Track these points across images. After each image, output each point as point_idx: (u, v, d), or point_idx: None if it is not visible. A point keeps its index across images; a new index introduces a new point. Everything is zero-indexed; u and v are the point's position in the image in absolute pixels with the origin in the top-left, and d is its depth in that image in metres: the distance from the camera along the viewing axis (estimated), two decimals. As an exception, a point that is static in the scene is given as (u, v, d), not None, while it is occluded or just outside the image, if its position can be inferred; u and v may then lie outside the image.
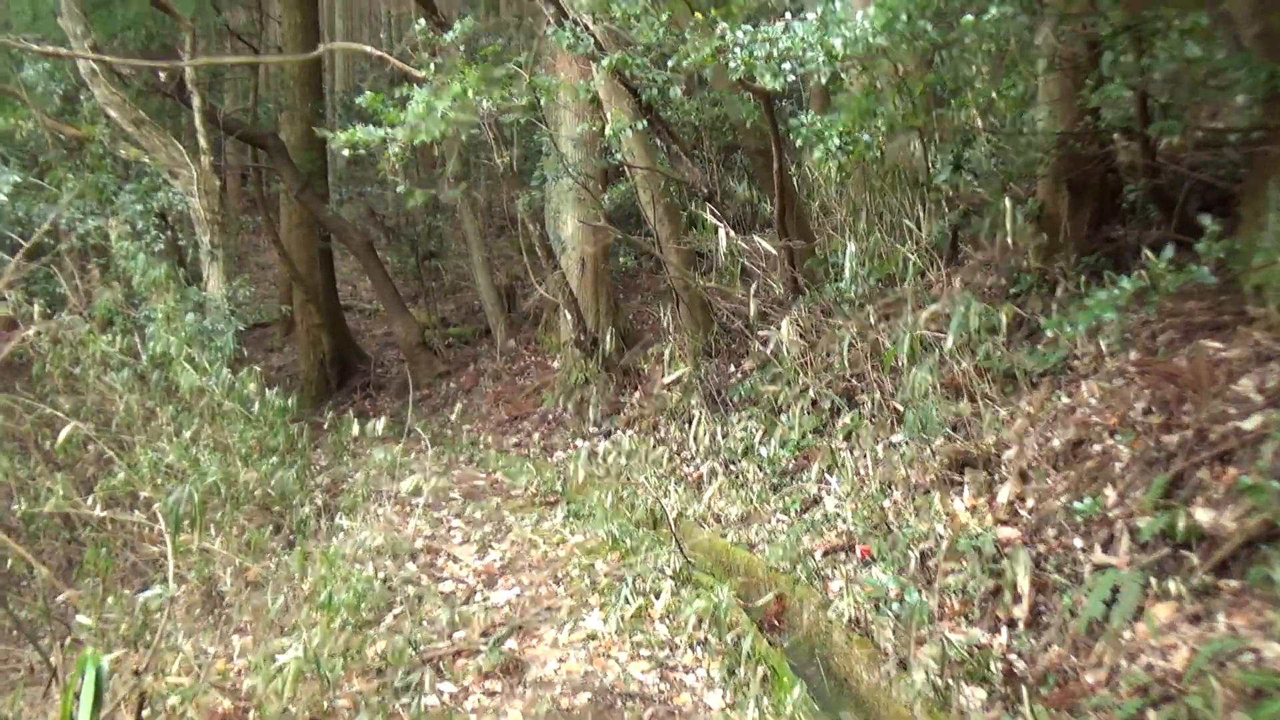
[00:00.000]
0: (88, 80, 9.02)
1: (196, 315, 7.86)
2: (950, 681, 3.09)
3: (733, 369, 7.69)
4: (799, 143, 5.71)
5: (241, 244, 16.06)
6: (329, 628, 4.02)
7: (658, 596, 4.55)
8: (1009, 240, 5.42)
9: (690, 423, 7.21)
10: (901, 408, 5.37)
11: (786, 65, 5.04)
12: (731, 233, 6.41)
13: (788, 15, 5.41)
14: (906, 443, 5.08)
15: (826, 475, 5.43)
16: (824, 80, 5.29)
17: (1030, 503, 4.08)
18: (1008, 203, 5.37)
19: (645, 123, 7.13)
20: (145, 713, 3.81)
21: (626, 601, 4.55)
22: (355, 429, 7.47)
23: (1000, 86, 5.89)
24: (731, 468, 6.25)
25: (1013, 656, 3.31)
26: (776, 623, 4.38)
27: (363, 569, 5.10)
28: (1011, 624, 3.48)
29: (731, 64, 5.23)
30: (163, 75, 10.57)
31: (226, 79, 14.18)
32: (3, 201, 8.82)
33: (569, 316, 8.88)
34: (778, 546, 4.75)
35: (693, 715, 3.55)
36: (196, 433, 7.01)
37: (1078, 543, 3.61)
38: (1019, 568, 3.46)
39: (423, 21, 7.41)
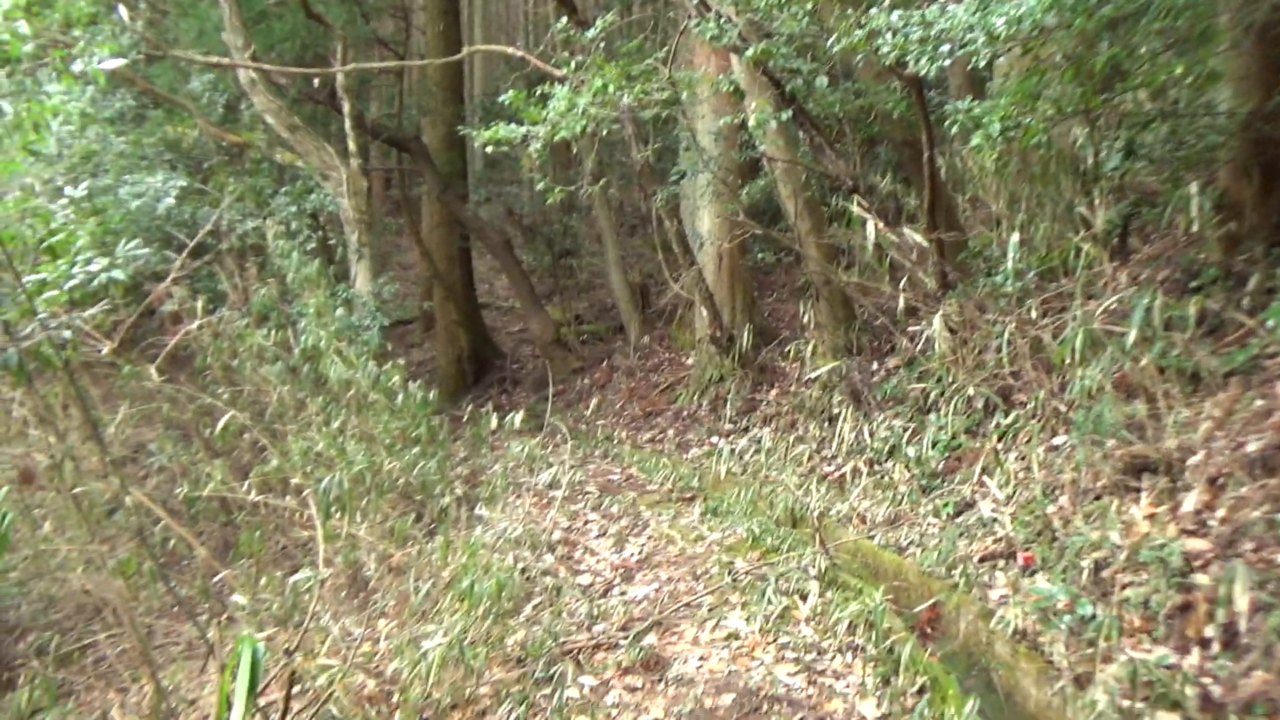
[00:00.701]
0: (247, 90, 9.49)
1: (344, 311, 8.12)
2: (1137, 704, 2.81)
3: (875, 366, 7.41)
4: (953, 130, 5.42)
5: (385, 244, 16.65)
6: (471, 616, 4.02)
7: (803, 597, 4.37)
8: (1192, 229, 4.99)
9: (831, 421, 6.99)
10: (1064, 408, 5.02)
11: (945, 48, 4.77)
12: (880, 225, 6.15)
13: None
14: (1072, 446, 4.74)
15: (982, 478, 5.12)
16: (984, 63, 4.99)
17: (1221, 513, 3.70)
18: (1193, 188, 4.94)
19: (789, 114, 6.94)
20: (294, 690, 3.90)
21: (769, 601, 4.39)
22: (493, 422, 7.58)
23: (1178, 64, 5.44)
24: (876, 468, 5.99)
25: (1207, 680, 2.99)
26: (930, 630, 4.13)
27: (503, 559, 5.12)
28: (1204, 644, 3.15)
29: (883, 49, 5.00)
30: (315, 83, 11.05)
31: (374, 86, 14.72)
32: (171, 204, 9.35)
33: (704, 312, 8.77)
34: (931, 551, 4.49)
35: (845, 723, 3.37)
36: (344, 423, 7.24)
37: (1280, 558, 3.25)
38: (1236, 584, 3.10)
39: (564, 20, 7.45)
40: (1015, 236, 5.23)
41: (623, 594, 4.99)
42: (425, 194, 12.85)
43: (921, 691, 3.39)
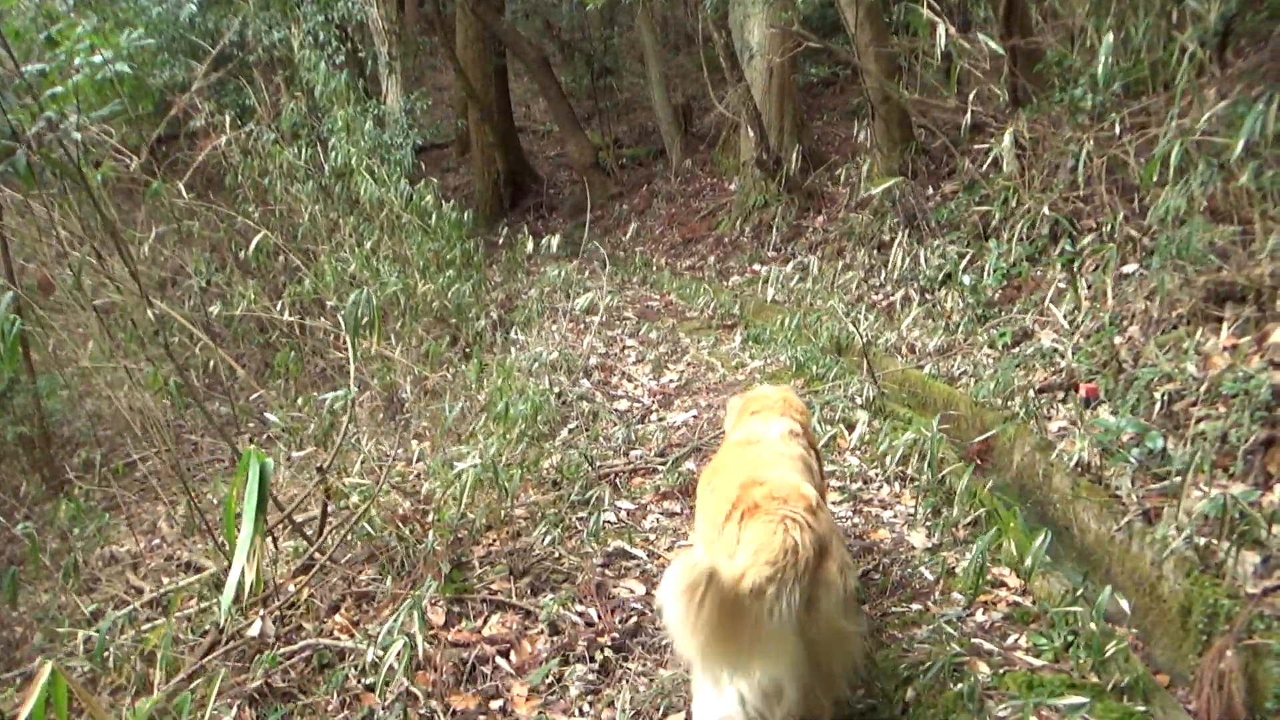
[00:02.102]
0: (266, -120, 8.80)
1: (375, 128, 7.77)
2: (1212, 541, 2.62)
3: (930, 191, 6.99)
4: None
5: (418, 65, 15.97)
6: (505, 438, 3.91)
7: (850, 427, 4.20)
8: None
9: (881, 248, 6.66)
10: (1138, 233, 4.65)
11: None
12: (952, 30, 5.58)
13: None
14: (1143, 274, 4.40)
15: (1044, 306, 4.82)
16: None
17: (1313, 344, 3.40)
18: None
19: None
20: (329, 508, 3.87)
21: (815, 429, 4.22)
22: (530, 246, 7.34)
23: None
24: (928, 296, 5.71)
25: (1289, 517, 2.78)
26: (981, 462, 3.96)
27: (538, 383, 5.00)
28: (1286, 481, 2.93)
29: None
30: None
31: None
32: (193, 11, 8.88)
33: (751, 134, 8.29)
34: (985, 381, 4.25)
35: (892, 553, 3.24)
36: (376, 244, 7.04)
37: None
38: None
39: None
40: (1110, 38, 4.67)
41: (661, 420, 4.87)
42: (459, 7, 12.14)
43: (975, 524, 3.24)
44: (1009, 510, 3.10)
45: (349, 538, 3.69)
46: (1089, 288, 4.74)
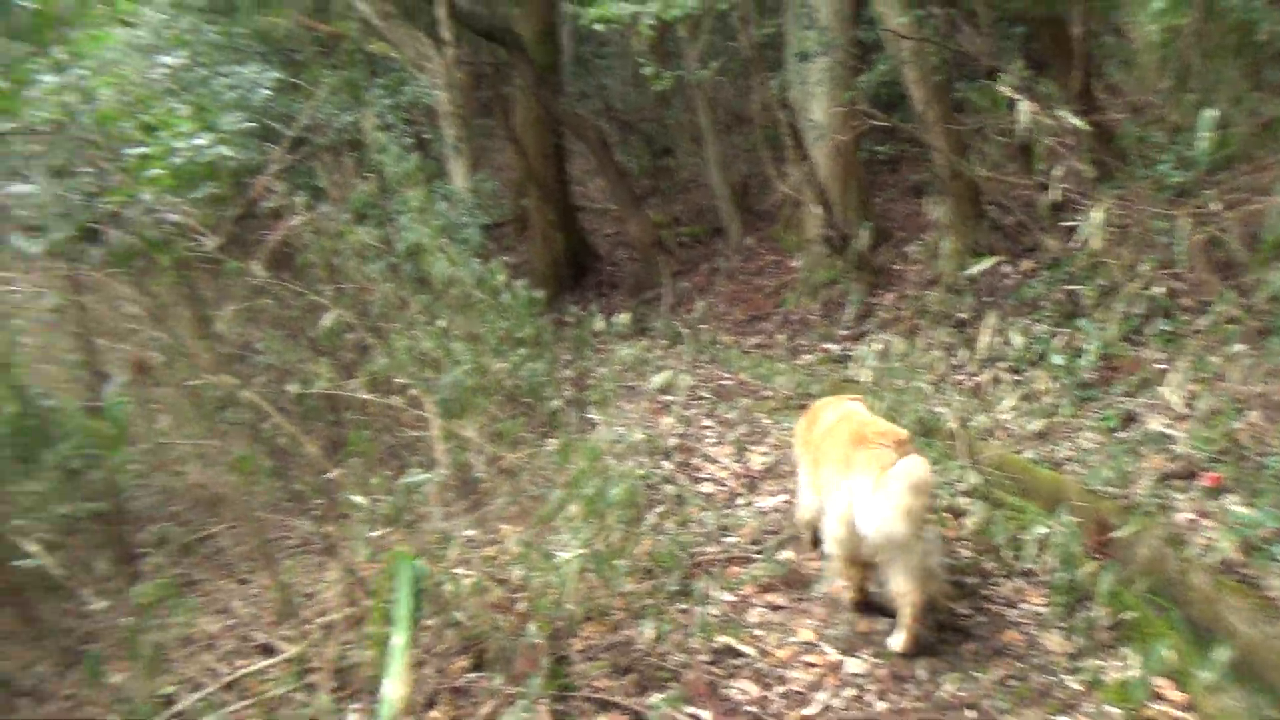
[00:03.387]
0: (338, -26, 9.12)
1: (445, 207, 7.86)
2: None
3: (1007, 269, 6.88)
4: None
5: (474, 147, 16.30)
6: (599, 524, 3.79)
7: (955, 514, 4.02)
8: None
9: (959, 326, 6.52)
10: (1240, 312, 4.49)
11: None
12: (1034, 106, 5.53)
13: None
14: (1254, 354, 4.23)
15: (1147, 389, 4.64)
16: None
17: None
18: None
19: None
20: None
21: (915, 518, 4.05)
22: (599, 323, 7.31)
23: None
24: (1018, 377, 5.54)
25: None
26: (1100, 555, 3.76)
27: (621, 464, 4.89)
28: None
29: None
30: (406, -31, 10.59)
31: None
32: (267, 95, 9.13)
33: (816, 211, 8.26)
34: (1098, 468, 4.07)
35: (1027, 657, 3.04)
36: (449, 322, 7.05)
37: None
38: None
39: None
40: (1208, 113, 4.58)
41: (749, 504, 4.72)
42: (519, 89, 12.40)
43: (1117, 627, 3.04)
44: (1163, 615, 2.90)
45: (441, 627, 3.56)
46: (1194, 370, 4.56)
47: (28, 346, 8.19)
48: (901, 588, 3.16)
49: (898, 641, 3.22)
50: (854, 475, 3.27)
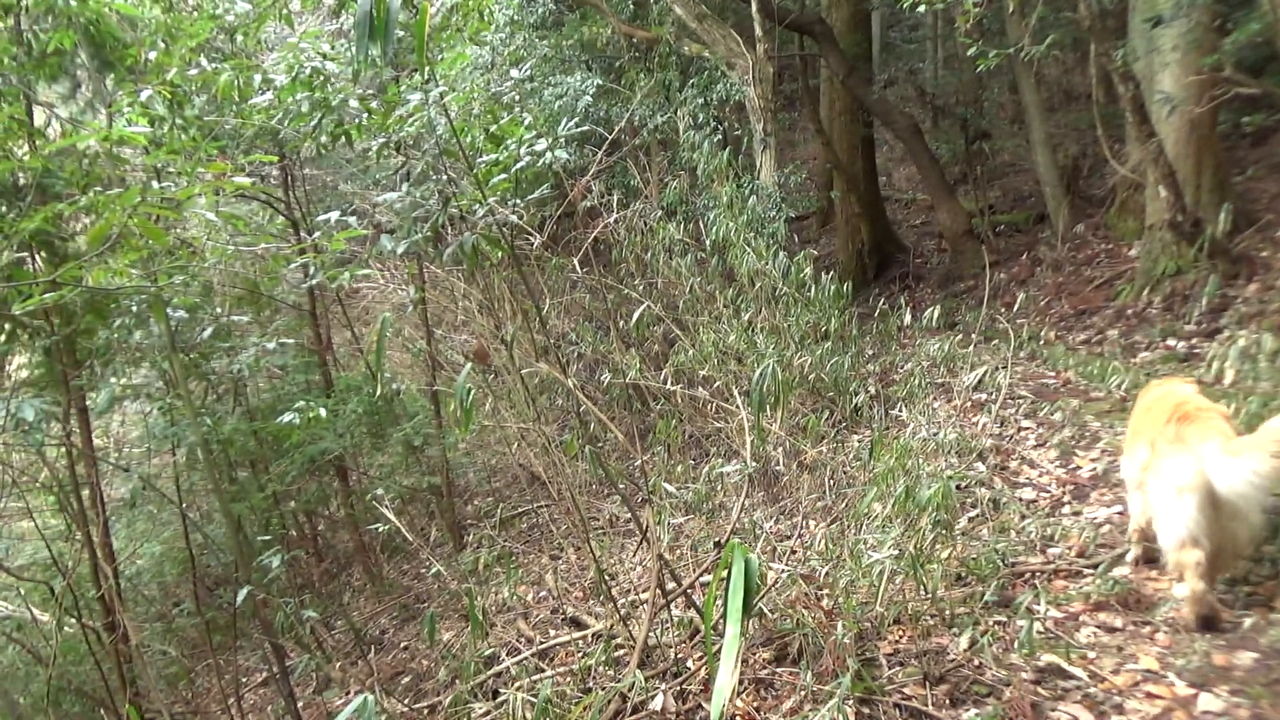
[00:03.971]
0: (656, -21, 9.48)
1: (753, 201, 7.94)
2: None
3: None
4: None
5: (779, 141, 16.35)
6: (914, 527, 3.64)
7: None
8: None
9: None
10: None
11: None
12: None
13: None
14: None
15: None
16: None
17: None
18: None
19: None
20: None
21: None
22: (907, 317, 7.04)
23: None
24: None
25: None
26: None
27: (932, 465, 4.67)
28: None
29: None
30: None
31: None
32: (589, 102, 9.71)
33: (1163, 193, 7.39)
34: None
35: None
36: (753, 316, 7.12)
37: None
38: None
39: None
40: None
41: (1076, 514, 4.32)
42: (826, 81, 12.25)
43: None
44: None
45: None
46: None
47: (386, 337, 9.33)
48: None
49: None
50: (1191, 446, 3.14)
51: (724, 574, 1.84)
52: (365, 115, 4.32)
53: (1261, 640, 3.04)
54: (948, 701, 2.93)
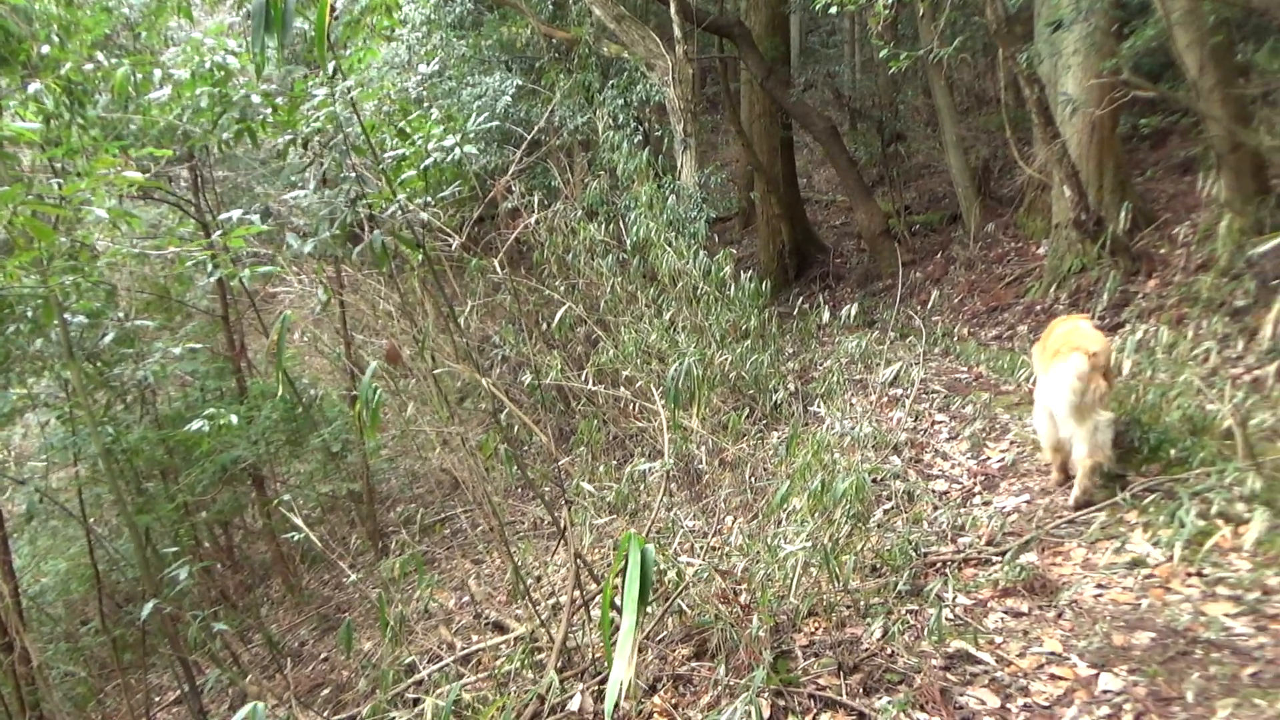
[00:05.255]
0: (575, -20, 9.45)
1: (673, 202, 7.97)
2: None
3: (1297, 251, 6.04)
4: None
5: (700, 143, 16.47)
6: (827, 519, 3.68)
7: (1232, 523, 3.57)
8: None
9: (1235, 315, 5.82)
10: None
11: None
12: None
13: None
14: None
15: None
16: None
17: None
18: None
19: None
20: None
21: (1181, 524, 3.64)
22: (825, 315, 7.14)
23: None
24: (1309, 371, 4.86)
25: None
26: None
27: (848, 459, 4.73)
28: None
29: None
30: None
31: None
32: (507, 102, 9.63)
33: (1067, 193, 7.63)
34: None
35: (1326, 687, 2.65)
36: (675, 315, 7.14)
37: None
38: None
39: None
40: None
41: (986, 504, 4.43)
42: (746, 83, 12.37)
43: None
44: None
45: (664, 615, 3.59)
46: None
47: (298, 341, 9.10)
48: (1079, 454, 4.11)
49: (1071, 497, 4.15)
50: (1046, 375, 4.34)
51: (621, 566, 1.82)
52: (270, 111, 4.19)
53: (1158, 620, 3.15)
54: (861, 690, 2.97)
